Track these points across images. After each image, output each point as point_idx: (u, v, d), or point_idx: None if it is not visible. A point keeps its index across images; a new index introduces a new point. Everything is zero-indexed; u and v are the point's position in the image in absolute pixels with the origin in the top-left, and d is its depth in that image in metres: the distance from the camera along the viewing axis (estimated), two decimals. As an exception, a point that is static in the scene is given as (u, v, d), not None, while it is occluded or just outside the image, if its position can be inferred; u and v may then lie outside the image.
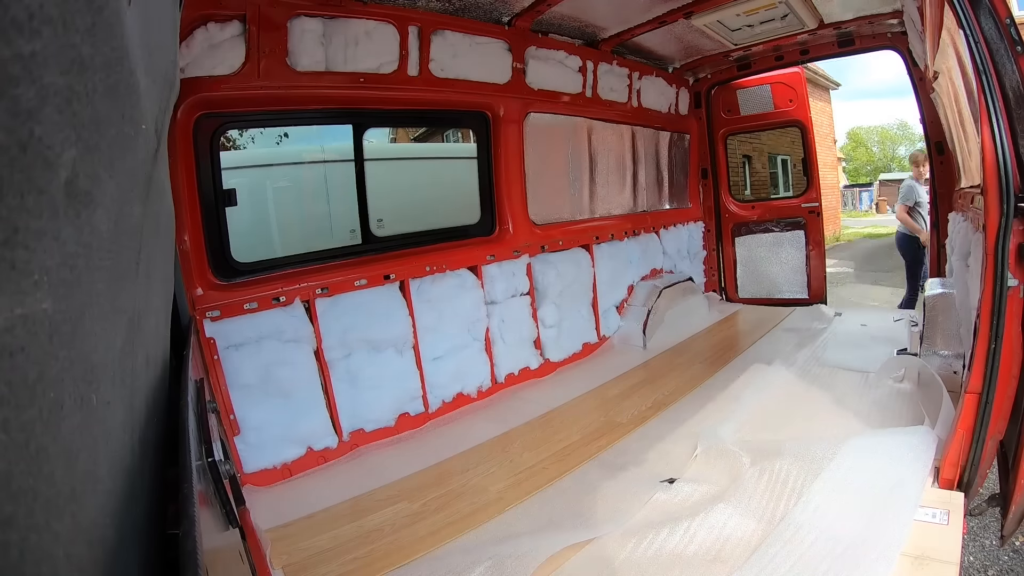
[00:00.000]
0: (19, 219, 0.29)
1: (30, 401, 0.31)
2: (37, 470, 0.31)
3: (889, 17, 3.34)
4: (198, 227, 2.11)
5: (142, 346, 0.71)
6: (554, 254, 3.42)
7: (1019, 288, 1.51)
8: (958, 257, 2.59)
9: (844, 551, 1.43)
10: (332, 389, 2.41)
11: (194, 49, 1.96)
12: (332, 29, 2.29)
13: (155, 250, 0.84)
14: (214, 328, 2.09)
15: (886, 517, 1.49)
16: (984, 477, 1.73)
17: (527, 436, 2.41)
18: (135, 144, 0.60)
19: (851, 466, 1.73)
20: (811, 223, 4.45)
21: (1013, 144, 1.48)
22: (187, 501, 0.60)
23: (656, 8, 3.08)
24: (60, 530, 0.35)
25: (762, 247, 4.62)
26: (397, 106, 2.75)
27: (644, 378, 3.08)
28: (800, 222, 4.49)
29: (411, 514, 1.84)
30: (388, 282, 2.61)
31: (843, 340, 3.36)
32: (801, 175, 5.07)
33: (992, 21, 1.49)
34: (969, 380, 1.64)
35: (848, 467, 1.73)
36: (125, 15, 0.50)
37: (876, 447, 1.80)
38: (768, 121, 4.66)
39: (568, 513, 1.79)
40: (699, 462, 2.03)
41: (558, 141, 3.59)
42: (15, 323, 0.29)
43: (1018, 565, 2.18)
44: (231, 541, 1.01)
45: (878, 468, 1.69)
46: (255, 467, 2.18)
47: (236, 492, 1.44)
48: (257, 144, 4.96)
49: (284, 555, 1.67)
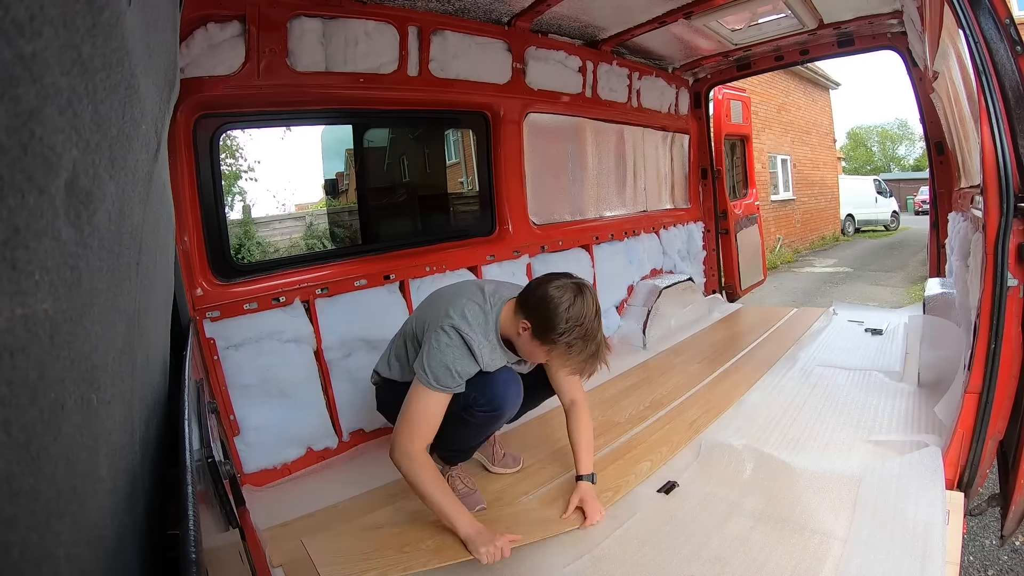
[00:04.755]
0: (19, 219, 0.29)
1: (30, 401, 0.31)
2: (37, 470, 0.31)
3: (889, 17, 3.34)
4: (198, 227, 2.11)
5: (142, 346, 0.71)
6: (554, 254, 3.42)
7: (1019, 288, 1.51)
8: (958, 257, 2.59)
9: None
10: (332, 389, 2.41)
11: (194, 49, 1.96)
12: (332, 29, 2.29)
13: (155, 250, 0.84)
14: (214, 328, 2.09)
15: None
16: (984, 477, 1.73)
17: (525, 435, 2.41)
18: (135, 144, 0.60)
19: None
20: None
21: (1013, 144, 1.48)
22: (187, 501, 0.60)
23: (656, 8, 3.08)
24: (60, 530, 0.35)
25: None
26: (397, 106, 2.75)
27: (643, 377, 3.08)
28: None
29: (411, 512, 1.84)
30: (388, 282, 2.61)
31: (843, 339, 3.36)
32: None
33: (992, 21, 1.50)
34: (969, 380, 1.64)
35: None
36: (125, 15, 0.50)
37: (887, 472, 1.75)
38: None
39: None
40: (700, 463, 2.03)
41: (558, 141, 3.59)
42: (15, 323, 0.29)
43: (1018, 565, 2.18)
44: (231, 541, 1.02)
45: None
46: (255, 467, 2.18)
47: (236, 492, 1.45)
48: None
49: (284, 554, 1.67)
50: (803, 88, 14.19)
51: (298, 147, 9.80)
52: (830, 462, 1.90)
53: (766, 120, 12.29)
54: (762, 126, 11.83)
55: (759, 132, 11.20)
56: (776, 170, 12.99)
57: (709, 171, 4.80)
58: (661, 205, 4.59)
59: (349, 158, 6.52)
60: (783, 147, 13.23)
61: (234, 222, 7.83)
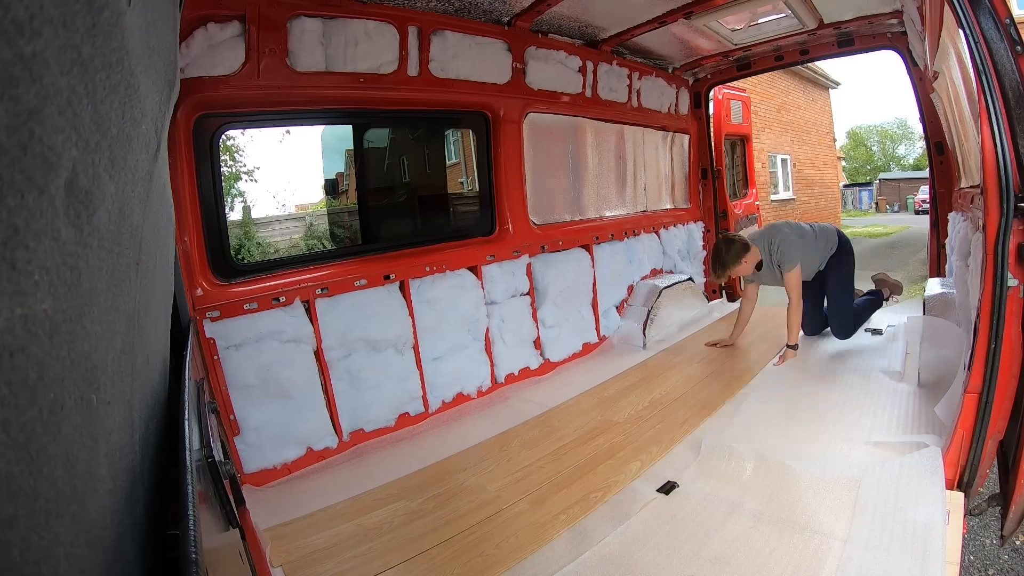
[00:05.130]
0: (19, 219, 0.29)
1: (30, 401, 0.31)
2: (37, 470, 0.31)
3: (889, 17, 3.34)
4: (198, 227, 2.11)
5: (142, 346, 0.71)
6: (554, 254, 3.42)
7: (1019, 288, 1.51)
8: (958, 257, 2.59)
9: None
10: (332, 389, 2.41)
11: (194, 49, 1.96)
12: (332, 29, 2.29)
13: (155, 250, 0.84)
14: (214, 328, 2.09)
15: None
16: (984, 477, 1.73)
17: (525, 435, 2.41)
18: (135, 144, 0.60)
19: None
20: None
21: (1013, 144, 1.48)
22: (187, 501, 0.60)
23: (656, 8, 3.08)
24: (60, 530, 0.35)
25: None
26: (397, 106, 2.75)
27: (642, 377, 3.08)
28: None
29: (409, 512, 1.84)
30: (388, 282, 2.61)
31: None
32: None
33: (992, 21, 1.49)
34: (969, 380, 1.64)
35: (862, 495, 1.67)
36: (125, 15, 0.50)
37: (887, 474, 1.75)
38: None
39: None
40: (700, 463, 2.03)
41: (558, 141, 3.59)
42: (15, 323, 0.29)
43: (1018, 565, 2.18)
44: (231, 541, 1.02)
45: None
46: (255, 467, 2.18)
47: (236, 492, 1.45)
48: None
49: (283, 553, 1.67)
50: (803, 88, 14.19)
51: (298, 147, 9.83)
52: (830, 462, 1.90)
53: (766, 120, 12.29)
54: (762, 126, 11.83)
55: (759, 132, 11.21)
56: (776, 170, 13.00)
57: (709, 171, 4.80)
58: (661, 205, 4.59)
59: (349, 158, 6.53)
60: (783, 147, 13.23)
61: (234, 223, 7.84)
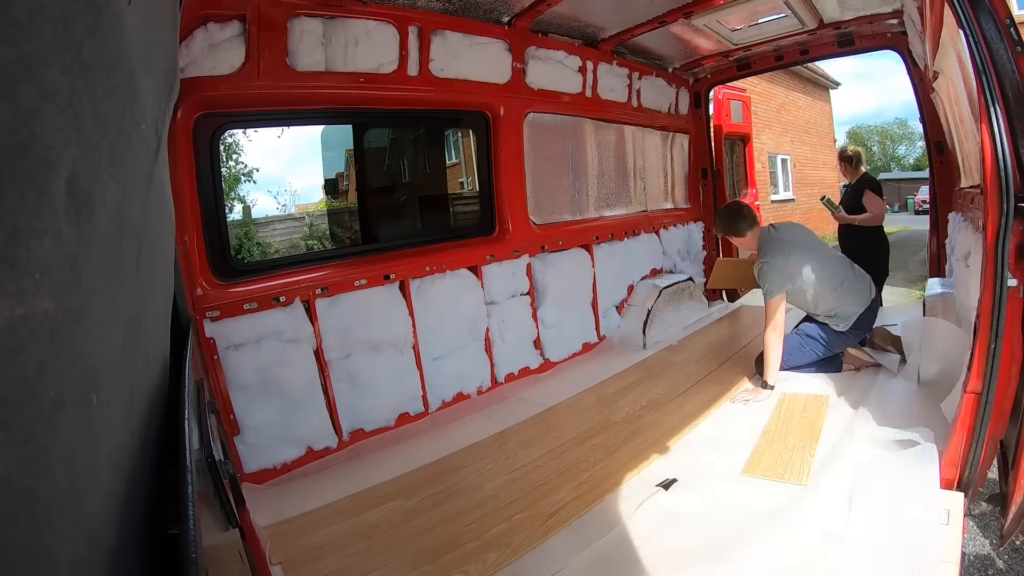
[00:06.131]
0: (19, 219, 0.29)
1: (30, 401, 0.31)
2: (37, 470, 0.31)
3: (889, 17, 3.34)
4: (198, 227, 2.10)
5: (142, 346, 0.71)
6: (554, 254, 3.42)
7: (1019, 288, 1.51)
8: (958, 257, 2.59)
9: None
10: (332, 389, 2.41)
11: (194, 49, 1.96)
12: (332, 29, 2.29)
13: (155, 250, 0.84)
14: (214, 328, 2.09)
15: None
16: (984, 477, 1.72)
17: (523, 434, 2.42)
18: (135, 144, 0.60)
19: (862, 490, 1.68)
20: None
21: (1013, 144, 1.48)
22: (187, 501, 0.60)
23: (656, 8, 3.08)
24: (60, 530, 0.35)
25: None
26: (397, 106, 2.75)
27: (642, 376, 3.08)
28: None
29: (408, 511, 1.85)
30: (388, 282, 2.61)
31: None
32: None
33: (992, 21, 1.49)
34: (969, 380, 1.64)
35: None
36: (125, 15, 0.50)
37: (883, 470, 1.75)
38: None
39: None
40: (699, 461, 2.03)
41: (558, 141, 3.59)
42: (15, 323, 0.29)
43: (1018, 565, 2.17)
44: (231, 541, 1.02)
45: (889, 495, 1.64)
46: (255, 467, 2.18)
47: (236, 492, 1.44)
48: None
49: (282, 551, 1.68)
50: (803, 88, 14.19)
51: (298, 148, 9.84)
52: (829, 461, 1.90)
53: (766, 120, 12.28)
54: (762, 126, 11.82)
55: (759, 132, 11.18)
56: (776, 170, 12.99)
57: (709, 171, 4.80)
58: (661, 205, 4.59)
59: (349, 158, 6.53)
60: (783, 147, 13.23)
61: (234, 223, 7.84)
